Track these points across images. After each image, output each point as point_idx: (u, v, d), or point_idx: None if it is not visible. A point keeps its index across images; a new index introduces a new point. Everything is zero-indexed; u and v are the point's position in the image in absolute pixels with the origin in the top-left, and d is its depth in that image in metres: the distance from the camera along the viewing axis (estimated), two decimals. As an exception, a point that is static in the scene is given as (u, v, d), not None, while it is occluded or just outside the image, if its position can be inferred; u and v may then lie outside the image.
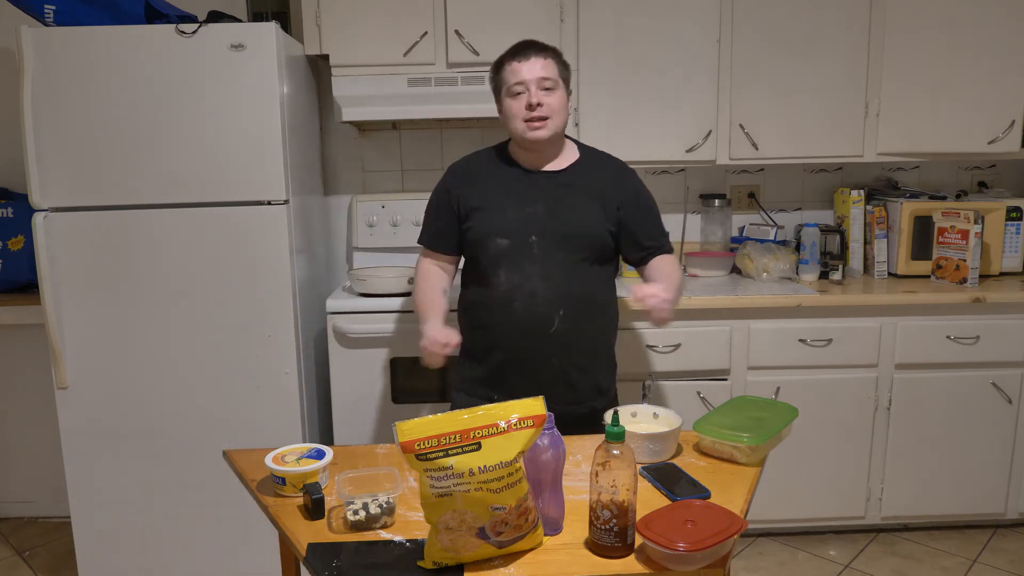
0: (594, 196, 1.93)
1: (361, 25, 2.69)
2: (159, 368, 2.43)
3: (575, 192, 1.92)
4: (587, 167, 1.97)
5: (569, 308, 1.89)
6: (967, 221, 2.77)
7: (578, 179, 1.95)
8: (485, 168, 2.00)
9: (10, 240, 2.85)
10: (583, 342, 1.95)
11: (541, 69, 1.85)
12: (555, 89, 1.87)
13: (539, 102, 1.84)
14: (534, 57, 1.85)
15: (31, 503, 3.18)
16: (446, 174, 2.05)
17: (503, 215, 1.92)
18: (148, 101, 2.31)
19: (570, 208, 1.91)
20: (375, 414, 2.64)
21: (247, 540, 2.53)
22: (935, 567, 2.66)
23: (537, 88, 1.85)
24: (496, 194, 1.94)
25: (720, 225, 3.14)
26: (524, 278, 1.89)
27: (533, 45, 1.89)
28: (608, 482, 1.23)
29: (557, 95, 1.87)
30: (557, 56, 1.91)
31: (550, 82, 1.85)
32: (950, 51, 2.77)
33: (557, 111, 1.87)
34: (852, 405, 2.70)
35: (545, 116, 1.85)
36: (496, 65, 1.93)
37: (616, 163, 2.04)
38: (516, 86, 1.86)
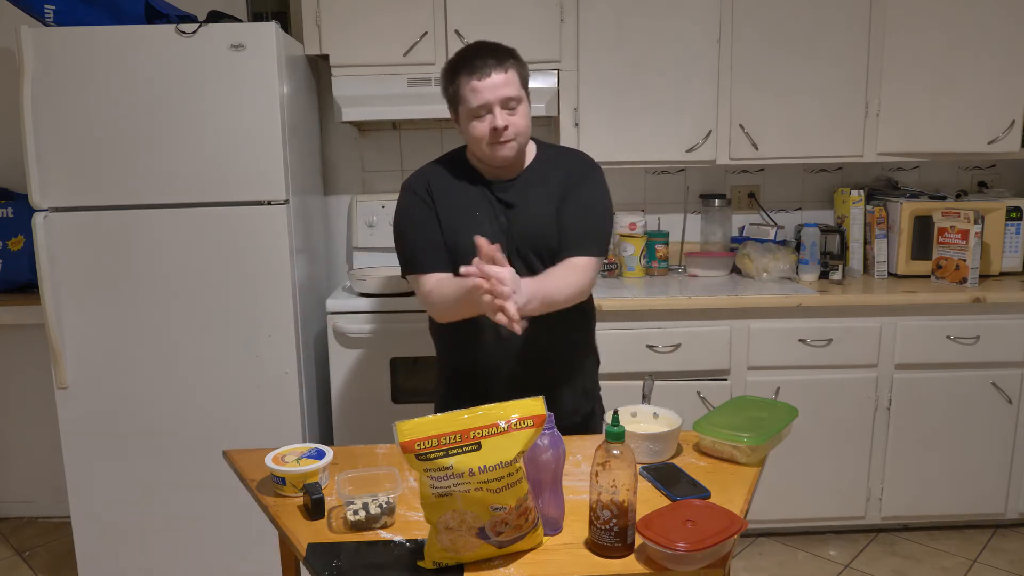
0: (545, 197, 1.79)
1: (361, 25, 2.69)
2: (159, 368, 2.43)
3: (528, 196, 1.80)
4: (544, 168, 1.83)
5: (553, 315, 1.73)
6: (967, 221, 2.77)
7: (535, 181, 1.80)
8: (445, 182, 1.83)
9: (10, 240, 2.85)
10: (568, 349, 1.87)
11: (504, 86, 1.69)
12: (519, 105, 1.72)
13: (505, 124, 1.69)
14: (494, 73, 1.68)
15: (31, 503, 3.18)
16: (410, 191, 1.84)
17: (481, 230, 1.73)
18: (148, 101, 2.31)
19: (525, 213, 1.79)
20: (375, 414, 2.64)
21: (247, 540, 2.53)
22: (935, 567, 2.66)
23: (501, 108, 1.69)
24: (463, 209, 1.79)
25: (720, 225, 3.14)
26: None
27: (490, 54, 1.71)
28: (608, 482, 1.23)
29: (521, 111, 1.72)
30: (516, 61, 1.74)
31: (514, 100, 1.71)
32: (950, 51, 2.77)
33: (522, 130, 1.73)
34: (852, 405, 2.70)
35: (511, 138, 1.71)
36: (450, 75, 1.74)
37: (575, 162, 1.87)
38: (479, 109, 1.70)
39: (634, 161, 2.85)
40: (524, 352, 1.80)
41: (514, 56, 1.75)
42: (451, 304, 1.73)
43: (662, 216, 3.21)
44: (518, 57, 1.76)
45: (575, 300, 1.76)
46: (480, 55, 1.71)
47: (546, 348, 1.81)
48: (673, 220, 3.21)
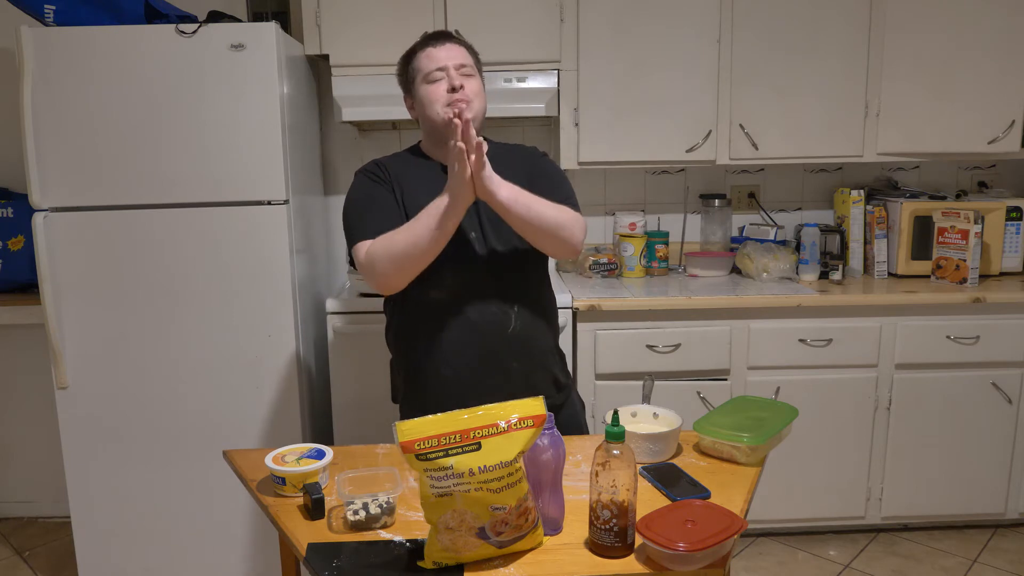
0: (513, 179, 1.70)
1: (361, 25, 2.69)
2: (159, 368, 2.43)
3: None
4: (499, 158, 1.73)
5: (524, 302, 1.77)
6: (967, 221, 2.77)
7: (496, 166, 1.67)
8: (405, 168, 1.82)
9: (10, 240, 2.85)
10: (539, 337, 1.82)
11: (459, 55, 1.79)
12: (473, 76, 1.80)
13: (461, 84, 1.75)
14: (449, 43, 1.80)
15: (31, 503, 3.18)
16: (366, 173, 1.81)
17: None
18: (148, 101, 2.31)
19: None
20: (375, 414, 2.63)
21: (247, 540, 2.53)
22: (935, 567, 2.66)
23: (457, 72, 1.76)
24: (425, 192, 1.69)
25: (720, 225, 3.14)
26: (472, 276, 1.73)
27: (445, 33, 1.84)
28: (608, 482, 1.23)
29: (476, 81, 1.80)
30: (470, 47, 1.85)
31: (468, 68, 1.79)
32: (950, 51, 2.77)
33: (477, 94, 1.79)
34: (852, 405, 2.70)
35: (468, 98, 1.75)
36: (407, 56, 1.83)
37: (528, 149, 1.93)
38: (435, 72, 1.76)
39: (634, 161, 2.85)
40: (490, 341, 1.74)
41: (469, 46, 1.85)
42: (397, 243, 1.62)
43: (662, 216, 3.21)
44: (474, 49, 1.86)
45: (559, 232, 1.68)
46: (438, 33, 1.83)
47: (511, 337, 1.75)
48: (673, 220, 3.21)
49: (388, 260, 1.64)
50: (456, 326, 1.74)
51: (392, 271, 1.65)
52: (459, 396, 1.63)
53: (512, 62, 2.73)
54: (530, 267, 1.81)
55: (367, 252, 1.67)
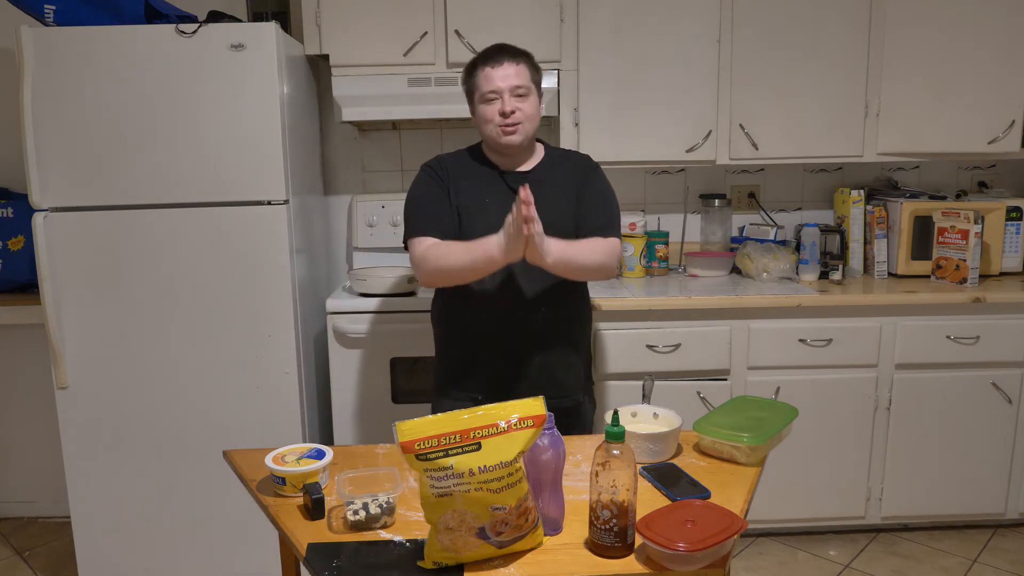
0: (561, 191, 1.95)
1: (361, 25, 2.69)
2: (159, 368, 2.43)
3: (545, 189, 1.91)
4: (554, 164, 2.00)
5: (551, 304, 1.93)
6: (967, 221, 2.77)
7: (546, 176, 1.96)
8: (464, 168, 1.98)
9: (10, 240, 2.85)
10: (564, 337, 1.98)
11: (515, 76, 1.86)
12: (528, 95, 1.88)
13: (512, 109, 1.86)
14: (507, 63, 1.86)
15: (31, 503, 3.18)
16: (429, 169, 1.98)
17: (487, 215, 1.89)
18: (148, 101, 2.31)
19: (542, 205, 1.81)
20: (375, 414, 2.64)
21: (247, 540, 2.53)
22: (935, 567, 2.66)
23: (510, 95, 1.86)
24: (478, 194, 1.94)
25: (720, 225, 3.14)
26: (508, 276, 1.91)
27: (505, 50, 1.90)
28: (608, 482, 1.23)
29: (530, 101, 1.89)
30: (530, 61, 1.92)
31: (523, 89, 1.87)
32: (950, 51, 2.77)
33: (530, 116, 1.89)
34: (852, 405, 2.70)
35: (518, 122, 1.87)
36: (469, 68, 1.94)
37: (582, 159, 2.06)
38: (490, 93, 1.87)
39: (634, 161, 2.85)
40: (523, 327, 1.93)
41: (528, 57, 1.93)
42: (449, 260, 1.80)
43: (662, 216, 3.21)
44: (532, 60, 1.94)
45: (597, 273, 1.90)
46: (496, 50, 1.91)
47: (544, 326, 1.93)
48: (673, 220, 3.21)
49: (435, 269, 1.85)
50: (488, 320, 1.93)
51: (437, 279, 1.90)
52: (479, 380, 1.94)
53: (512, 62, 2.73)
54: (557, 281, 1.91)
55: (422, 253, 1.87)
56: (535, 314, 1.92)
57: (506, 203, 1.85)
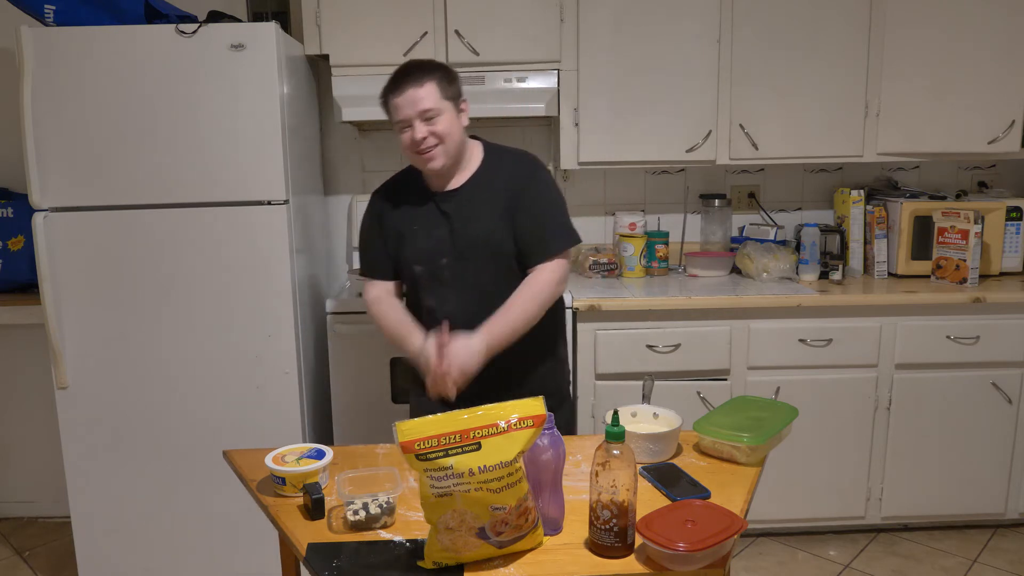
0: (490, 208, 1.87)
1: (361, 25, 2.69)
2: (159, 368, 2.43)
3: (475, 206, 1.87)
4: (484, 177, 1.90)
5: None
6: (967, 221, 2.77)
7: (475, 191, 1.89)
8: (401, 193, 1.97)
9: (10, 240, 2.85)
10: (513, 354, 1.85)
11: (420, 100, 1.79)
12: (439, 115, 1.80)
13: (423, 136, 1.80)
14: (410, 89, 1.79)
15: (31, 503, 3.18)
16: (371, 200, 2.02)
17: (415, 241, 1.90)
18: (148, 101, 2.31)
19: (472, 225, 1.87)
20: (375, 414, 2.63)
21: (247, 540, 2.53)
22: (935, 567, 2.66)
23: (420, 121, 1.80)
24: (410, 220, 1.92)
25: (720, 225, 3.14)
26: (440, 302, 1.89)
27: (409, 73, 1.82)
28: (608, 482, 1.23)
29: (443, 119, 1.81)
30: (440, 75, 1.82)
31: (431, 111, 1.80)
32: (950, 51, 2.77)
33: (445, 136, 1.81)
34: (852, 405, 2.70)
35: (432, 146, 1.81)
36: (382, 96, 1.88)
37: (520, 165, 1.93)
38: (400, 123, 1.83)
39: (634, 161, 2.85)
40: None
41: (437, 70, 1.84)
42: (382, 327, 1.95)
43: (662, 216, 3.21)
44: (444, 72, 1.85)
45: (547, 307, 1.87)
46: (400, 75, 1.83)
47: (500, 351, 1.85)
48: (673, 220, 3.21)
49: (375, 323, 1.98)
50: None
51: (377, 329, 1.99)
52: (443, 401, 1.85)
53: (512, 62, 2.73)
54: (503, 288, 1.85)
55: (368, 300, 2.00)
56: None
57: (434, 226, 1.89)
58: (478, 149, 1.95)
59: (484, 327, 1.78)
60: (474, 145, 1.95)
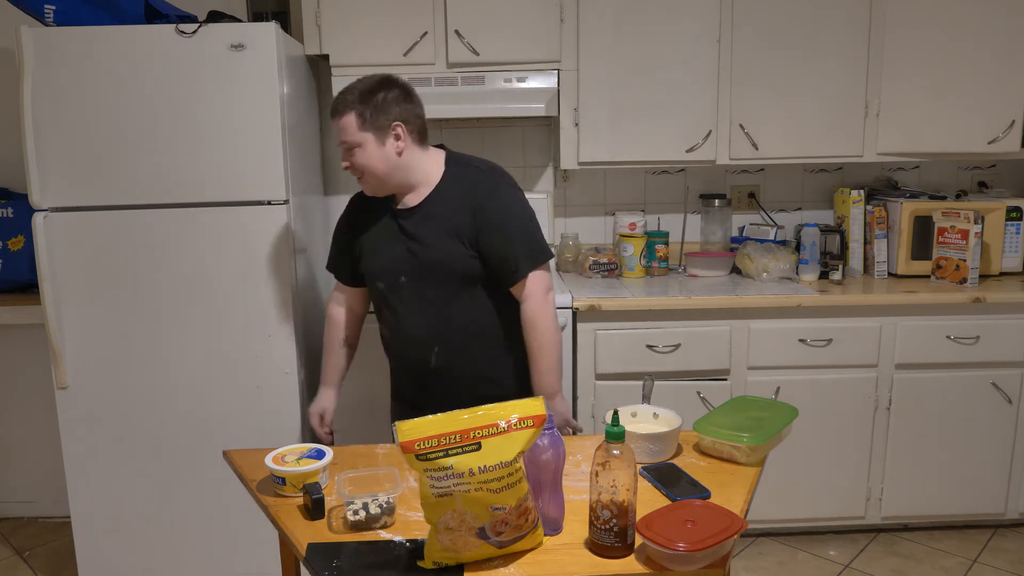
0: (448, 227, 1.84)
1: (361, 25, 2.69)
2: (159, 368, 2.43)
3: (431, 225, 1.86)
4: (443, 194, 1.87)
5: (444, 345, 1.89)
6: (967, 221, 2.77)
7: (434, 209, 1.86)
8: (370, 205, 1.95)
9: (10, 240, 2.85)
10: (469, 372, 1.91)
11: (340, 131, 1.83)
12: (356, 147, 1.81)
13: (345, 166, 1.86)
14: (334, 120, 1.84)
15: (31, 503, 3.18)
16: (349, 202, 2.06)
17: (376, 258, 1.93)
18: (148, 101, 2.31)
19: (427, 244, 1.86)
20: (375, 414, 2.63)
21: (247, 540, 2.52)
22: (935, 567, 2.66)
23: (344, 150, 1.85)
24: (373, 236, 1.94)
25: (720, 225, 3.14)
26: (398, 318, 1.92)
27: (335, 101, 1.84)
28: (608, 482, 1.23)
29: (361, 152, 1.81)
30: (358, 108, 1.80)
31: (348, 143, 1.82)
32: (950, 51, 2.77)
33: (364, 168, 1.83)
34: (852, 405, 2.70)
35: (359, 175, 1.86)
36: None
37: (475, 182, 1.87)
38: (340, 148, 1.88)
39: (634, 161, 2.85)
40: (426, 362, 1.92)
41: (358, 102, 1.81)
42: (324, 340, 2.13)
43: (662, 216, 3.21)
44: (367, 101, 1.80)
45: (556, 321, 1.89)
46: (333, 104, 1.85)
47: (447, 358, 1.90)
48: (673, 220, 3.21)
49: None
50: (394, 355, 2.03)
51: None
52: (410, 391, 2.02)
53: (512, 62, 2.73)
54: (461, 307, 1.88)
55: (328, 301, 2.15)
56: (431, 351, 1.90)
57: (394, 243, 1.89)
58: (438, 163, 1.89)
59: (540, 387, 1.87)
60: (435, 158, 1.89)
